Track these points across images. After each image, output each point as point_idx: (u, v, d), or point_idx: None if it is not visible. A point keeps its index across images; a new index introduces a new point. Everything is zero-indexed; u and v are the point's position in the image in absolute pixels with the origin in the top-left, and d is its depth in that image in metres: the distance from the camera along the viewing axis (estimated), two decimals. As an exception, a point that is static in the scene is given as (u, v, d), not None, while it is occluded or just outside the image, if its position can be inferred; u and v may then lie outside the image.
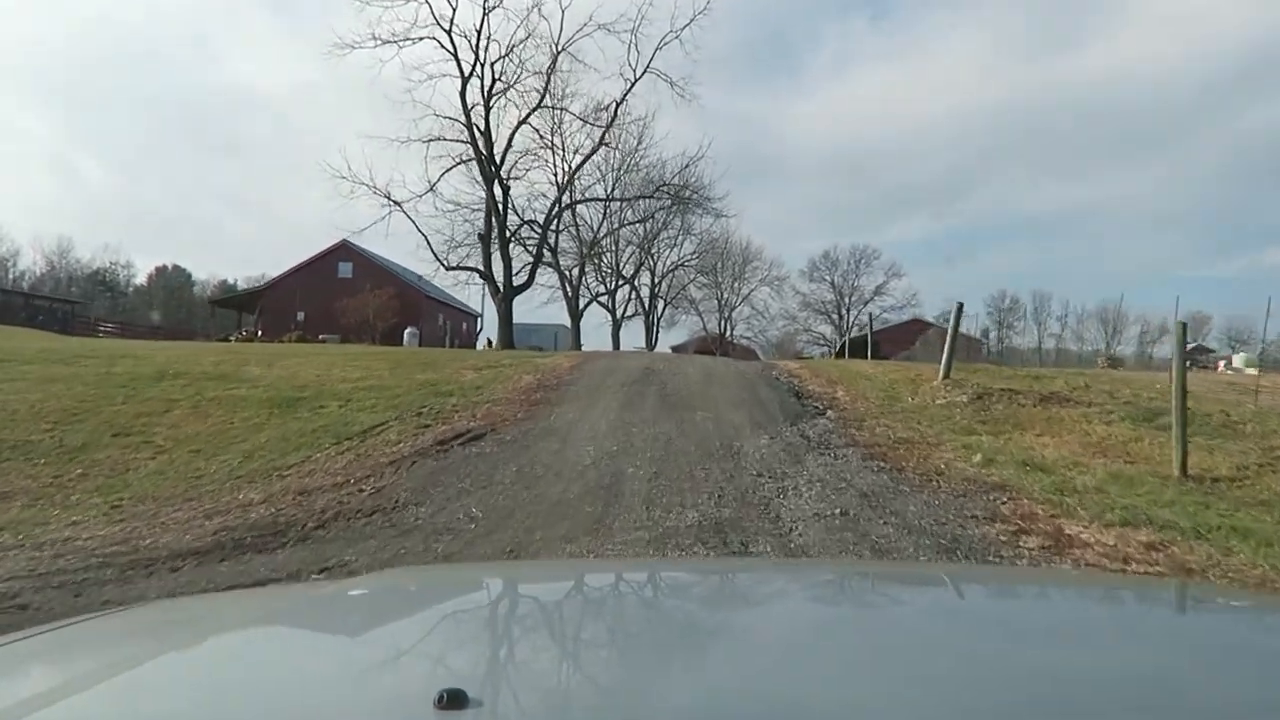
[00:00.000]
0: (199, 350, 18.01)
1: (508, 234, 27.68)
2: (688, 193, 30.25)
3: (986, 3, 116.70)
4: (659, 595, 1.65)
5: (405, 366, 14.38)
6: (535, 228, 29.04)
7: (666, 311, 58.83)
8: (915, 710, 0.83)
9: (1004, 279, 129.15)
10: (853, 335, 79.16)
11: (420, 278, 45.98)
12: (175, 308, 74.35)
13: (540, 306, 41.50)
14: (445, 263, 26.91)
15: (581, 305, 38.71)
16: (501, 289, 27.16)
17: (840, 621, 1.38)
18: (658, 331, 55.51)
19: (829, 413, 10.79)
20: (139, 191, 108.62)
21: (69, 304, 52.78)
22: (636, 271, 47.36)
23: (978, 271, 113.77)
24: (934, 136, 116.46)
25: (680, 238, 51.18)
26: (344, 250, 45.26)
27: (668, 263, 53.97)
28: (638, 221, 40.27)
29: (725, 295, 69.63)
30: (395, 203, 26.16)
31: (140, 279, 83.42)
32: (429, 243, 26.54)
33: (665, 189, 29.95)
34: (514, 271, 28.51)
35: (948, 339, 13.26)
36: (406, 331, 43.96)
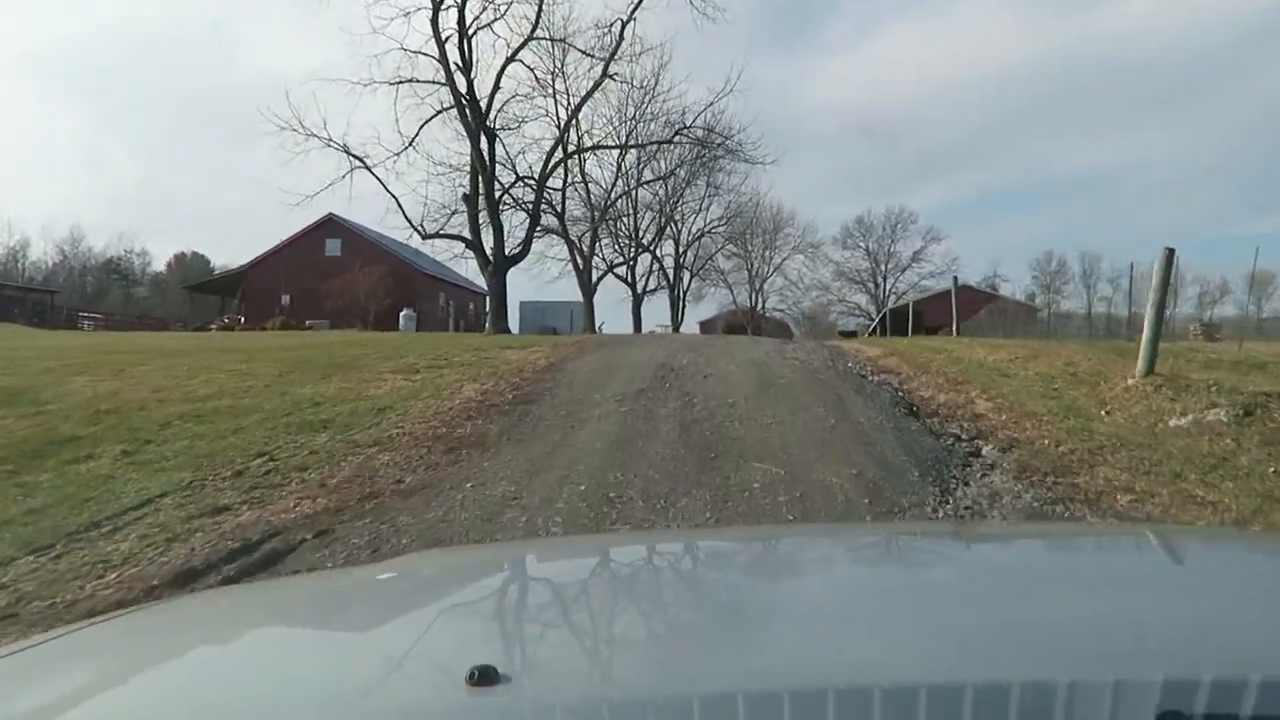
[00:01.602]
0: (76, 348, 13.51)
1: (497, 195, 22.78)
2: (716, 138, 24.96)
3: None
4: (691, 567, 1.60)
5: (305, 370, 9.65)
6: (531, 184, 24.08)
7: (693, 284, 53.89)
8: (968, 670, 0.80)
9: (1040, 241, 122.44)
10: (893, 306, 74.03)
11: (419, 253, 41.50)
12: (189, 295, 70.34)
13: (552, 282, 36.77)
14: (422, 230, 22.15)
15: (595, 279, 33.74)
16: (492, 260, 22.34)
17: (883, 584, 1.34)
18: (684, 306, 50.59)
19: (987, 450, 5.90)
20: (159, 178, 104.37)
21: (47, 294, 48.90)
22: (657, 238, 42.31)
23: (1013, 233, 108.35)
24: (961, 96, 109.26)
25: (706, 201, 46.02)
26: (331, 225, 40.78)
27: (693, 230, 48.92)
28: (657, 180, 35.09)
29: (756, 265, 64.54)
30: (357, 158, 21.38)
31: (159, 266, 79.08)
32: (400, 206, 21.74)
33: (687, 133, 24.71)
34: (509, 240, 23.72)
35: (1151, 306, 8.10)
36: (402, 314, 39.39)
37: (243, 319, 40.98)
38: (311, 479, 5.37)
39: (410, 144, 23.24)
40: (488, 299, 50.75)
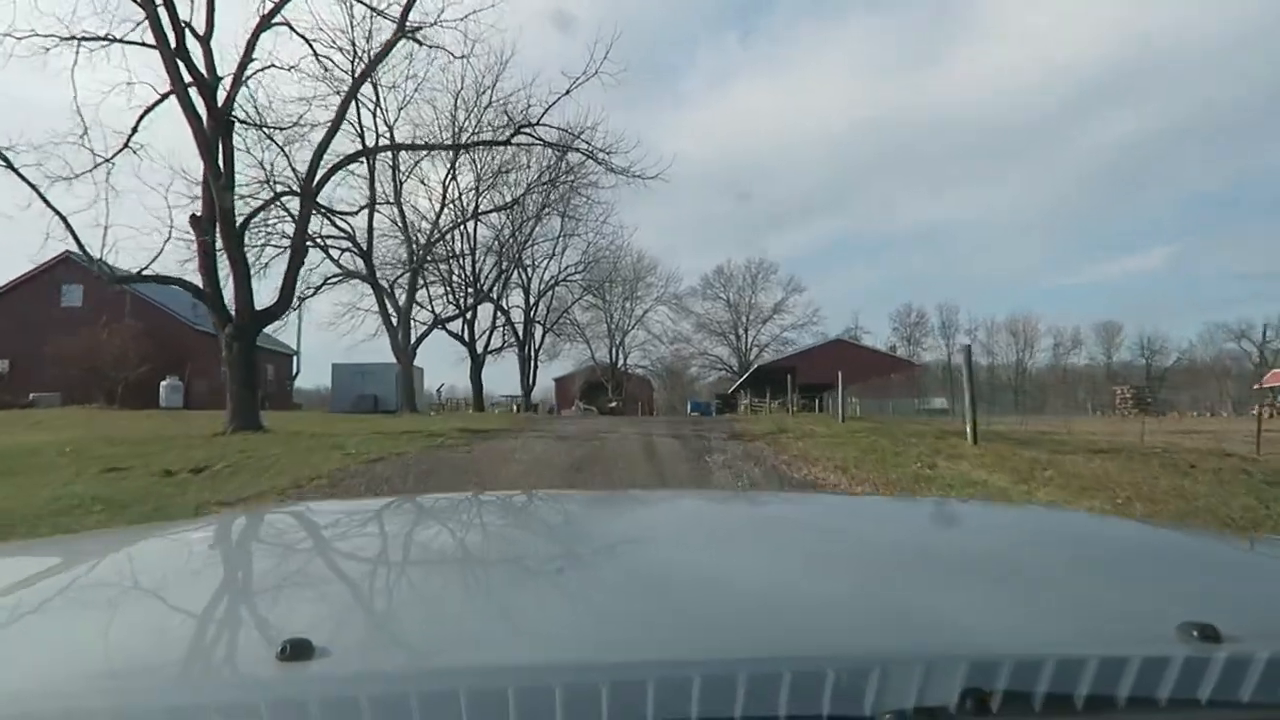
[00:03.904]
0: None
1: (235, 219, 14.99)
2: (574, 140, 16.35)
3: (851, 22, 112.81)
4: (529, 526, 1.58)
5: None
6: (284, 205, 16.29)
7: (547, 340, 46.78)
8: (783, 644, 0.80)
9: (897, 290, 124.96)
10: (762, 363, 69.37)
11: (197, 305, 32.46)
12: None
13: (372, 338, 28.11)
14: (107, 270, 14.03)
15: (416, 337, 25.82)
16: (236, 315, 14.55)
17: (718, 552, 1.30)
18: (535, 367, 43.29)
19: None
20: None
21: None
22: (502, 286, 34.94)
23: (870, 284, 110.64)
24: (814, 151, 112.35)
25: (561, 243, 39.32)
26: (68, 268, 31.04)
27: (545, 278, 42.03)
28: (499, 209, 27.88)
29: (617, 317, 58.51)
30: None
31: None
32: (71, 231, 13.66)
33: (532, 131, 16.87)
34: (264, 284, 15.92)
35: None
36: (163, 384, 30.18)
37: (-59, 391, 30.54)
38: None
39: (128, 145, 15.41)
40: (295, 361, 41.64)
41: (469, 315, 32.53)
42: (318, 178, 14.80)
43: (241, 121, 15.10)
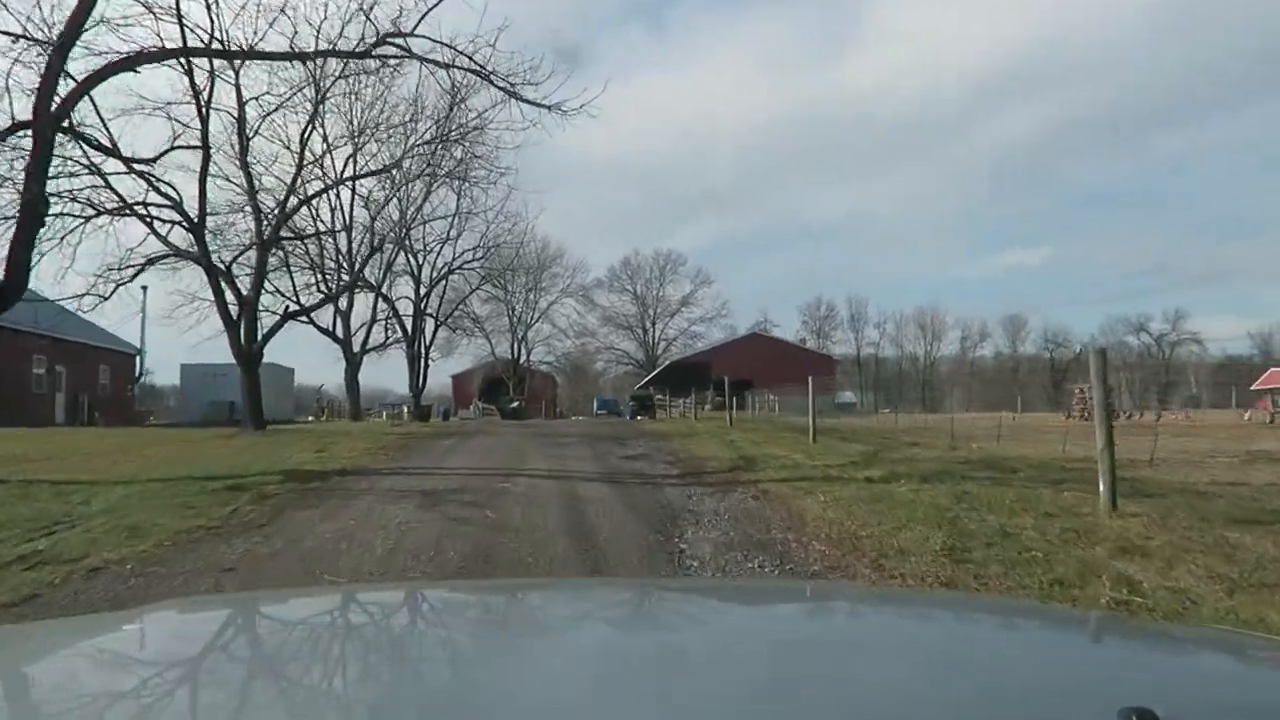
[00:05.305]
0: None
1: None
2: (465, 60, 11.94)
3: (753, 18, 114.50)
4: (447, 618, 1.53)
5: None
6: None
7: (441, 335, 41.68)
8: None
9: (806, 283, 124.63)
10: (672, 357, 65.40)
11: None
12: None
13: (215, 337, 22.43)
14: None
15: (263, 334, 20.46)
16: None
17: (620, 648, 1.23)
18: (426, 365, 38.17)
19: None
20: None
21: None
22: (379, 268, 29.79)
23: (778, 275, 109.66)
24: (720, 146, 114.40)
25: (457, 224, 34.45)
26: None
27: (438, 266, 37.02)
28: (378, 172, 22.83)
29: (519, 310, 53.80)
30: None
31: None
32: None
33: (394, 41, 11.46)
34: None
35: None
36: (-58, 393, 24.16)
37: None
38: None
39: None
40: (139, 360, 35.28)
41: (342, 305, 27.41)
42: (62, 92, 9.77)
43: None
